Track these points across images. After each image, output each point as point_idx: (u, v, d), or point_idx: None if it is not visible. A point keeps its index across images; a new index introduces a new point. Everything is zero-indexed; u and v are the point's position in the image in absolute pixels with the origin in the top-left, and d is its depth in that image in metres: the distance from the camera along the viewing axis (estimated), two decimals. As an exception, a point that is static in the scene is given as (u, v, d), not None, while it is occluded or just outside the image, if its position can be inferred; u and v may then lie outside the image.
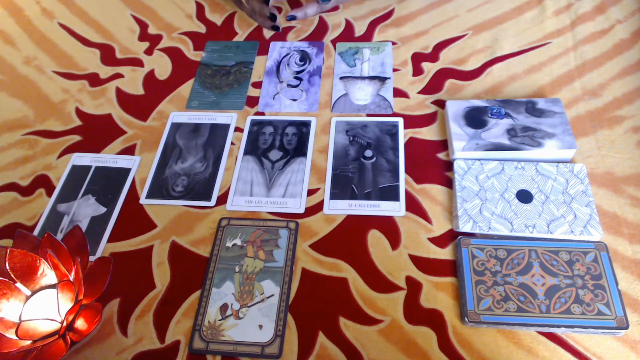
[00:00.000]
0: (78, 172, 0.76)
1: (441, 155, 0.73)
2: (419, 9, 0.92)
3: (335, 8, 0.94)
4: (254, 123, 0.79)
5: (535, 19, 0.87)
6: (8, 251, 0.58)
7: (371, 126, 0.77)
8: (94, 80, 0.89)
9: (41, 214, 0.71)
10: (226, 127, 0.79)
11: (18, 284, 0.59)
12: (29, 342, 0.57)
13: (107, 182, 0.74)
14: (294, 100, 0.82)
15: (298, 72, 0.86)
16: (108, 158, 0.77)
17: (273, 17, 0.87)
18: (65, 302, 0.57)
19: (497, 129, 0.70)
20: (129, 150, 0.78)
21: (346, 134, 0.76)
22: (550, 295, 0.58)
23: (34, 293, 0.60)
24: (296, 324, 0.59)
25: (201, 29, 0.95)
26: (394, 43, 0.87)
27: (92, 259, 0.66)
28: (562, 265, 0.60)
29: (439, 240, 0.65)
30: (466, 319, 0.57)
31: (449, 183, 0.70)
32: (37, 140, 0.81)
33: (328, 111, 0.80)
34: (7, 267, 0.59)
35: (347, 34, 0.90)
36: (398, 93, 0.81)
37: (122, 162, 0.76)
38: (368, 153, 0.73)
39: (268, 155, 0.75)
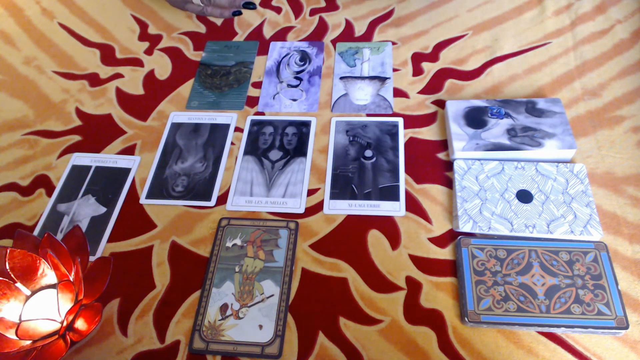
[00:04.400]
0: (78, 172, 0.76)
1: (441, 155, 0.73)
2: (419, 9, 0.92)
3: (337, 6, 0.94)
4: (254, 123, 0.79)
5: (535, 19, 0.87)
6: (8, 251, 0.58)
7: (371, 126, 0.76)
8: (94, 80, 0.89)
9: (41, 214, 0.71)
10: (226, 127, 0.79)
11: (18, 284, 0.59)
12: (29, 342, 0.57)
13: (107, 182, 0.74)
14: (294, 100, 0.82)
15: (298, 72, 0.86)
16: (108, 158, 0.77)
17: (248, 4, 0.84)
18: (65, 302, 0.57)
19: (497, 129, 0.70)
20: (129, 150, 0.78)
21: (346, 134, 0.76)
22: (550, 295, 0.57)
23: (34, 293, 0.60)
24: (296, 324, 0.59)
25: (201, 29, 0.95)
26: (394, 43, 0.87)
27: (92, 259, 0.66)
28: (562, 265, 0.60)
29: (439, 240, 0.65)
30: (466, 319, 0.57)
31: (449, 183, 0.70)
32: (37, 140, 0.81)
33: (328, 111, 0.80)
34: (7, 267, 0.58)
35: (347, 34, 0.90)
36: (398, 93, 0.81)
37: (122, 162, 0.76)
38: (368, 153, 0.73)
39: (268, 155, 0.75)
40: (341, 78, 0.84)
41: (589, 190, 0.64)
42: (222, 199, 0.71)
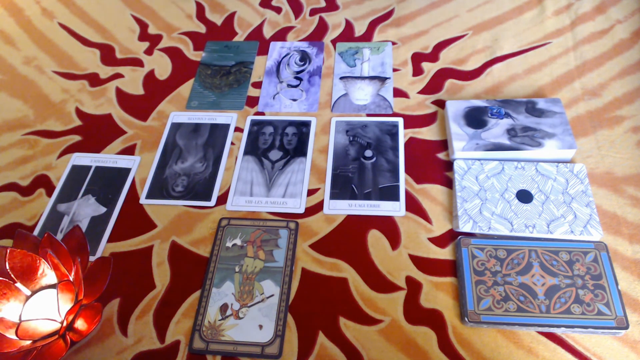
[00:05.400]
0: (78, 172, 0.76)
1: (441, 155, 0.73)
2: (419, 9, 0.92)
3: (336, 7, 0.94)
4: (254, 123, 0.79)
5: (535, 19, 0.87)
6: (8, 251, 0.58)
7: (371, 126, 0.76)
8: (94, 80, 0.89)
9: (41, 214, 0.71)
10: (226, 127, 0.79)
11: (18, 284, 0.59)
12: (29, 342, 0.57)
13: (107, 182, 0.74)
14: (294, 100, 0.82)
15: (298, 72, 0.86)
16: (108, 158, 0.77)
17: None
18: (65, 302, 0.57)
19: (497, 129, 0.70)
20: (129, 150, 0.78)
21: (346, 134, 0.76)
22: (550, 295, 0.57)
23: (34, 293, 0.60)
24: (296, 324, 0.59)
25: (201, 29, 0.95)
26: (394, 43, 0.88)
27: (92, 259, 0.66)
28: (562, 265, 0.60)
29: (439, 240, 0.65)
30: (466, 319, 0.57)
31: (449, 183, 0.70)
32: (37, 140, 0.81)
33: (328, 111, 0.80)
34: (7, 267, 0.58)
35: (347, 34, 0.90)
36: (398, 93, 0.81)
37: (122, 162, 0.76)
38: (368, 153, 0.73)
39: (268, 155, 0.75)
40: (341, 78, 0.84)
41: (589, 190, 0.64)
42: (222, 199, 0.71)
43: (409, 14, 0.92)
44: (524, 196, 0.65)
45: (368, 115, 0.78)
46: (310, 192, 0.71)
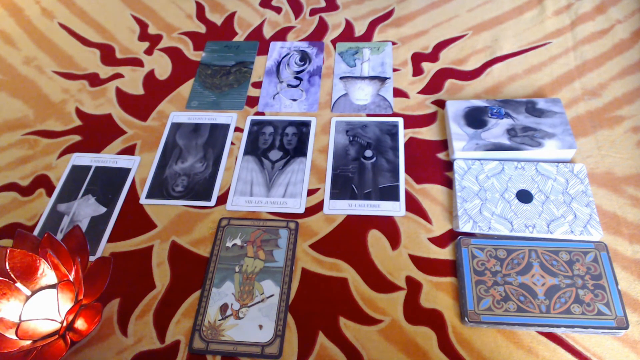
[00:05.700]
0: (78, 172, 0.76)
1: (441, 155, 0.73)
2: (419, 9, 0.92)
3: (336, 7, 0.94)
4: (254, 123, 0.79)
5: (535, 19, 0.87)
6: (8, 251, 0.58)
7: (371, 126, 0.77)
8: (94, 80, 0.89)
9: (41, 214, 0.71)
10: (226, 127, 0.79)
11: (18, 284, 0.59)
12: (29, 342, 0.57)
13: (107, 182, 0.74)
14: (294, 100, 0.82)
15: (298, 72, 0.86)
16: (108, 158, 0.77)
17: None
18: (65, 302, 0.57)
19: (497, 129, 0.70)
20: (129, 150, 0.78)
21: (346, 134, 0.76)
22: (550, 295, 0.57)
23: (34, 293, 0.60)
24: (296, 324, 0.59)
25: (201, 29, 0.95)
26: (394, 43, 0.88)
27: (92, 259, 0.66)
28: (562, 265, 0.60)
29: (439, 240, 0.65)
30: (466, 319, 0.57)
31: (449, 183, 0.70)
32: (37, 140, 0.81)
33: (328, 111, 0.80)
34: (7, 267, 0.58)
35: (347, 34, 0.90)
36: (398, 93, 0.81)
37: (122, 162, 0.76)
38: (368, 153, 0.73)
39: (268, 155, 0.75)
40: (341, 78, 0.84)
41: (589, 190, 0.64)
42: (222, 199, 0.71)
43: (409, 14, 0.92)
44: (524, 196, 0.65)
45: (368, 115, 0.78)
46: (310, 192, 0.71)
